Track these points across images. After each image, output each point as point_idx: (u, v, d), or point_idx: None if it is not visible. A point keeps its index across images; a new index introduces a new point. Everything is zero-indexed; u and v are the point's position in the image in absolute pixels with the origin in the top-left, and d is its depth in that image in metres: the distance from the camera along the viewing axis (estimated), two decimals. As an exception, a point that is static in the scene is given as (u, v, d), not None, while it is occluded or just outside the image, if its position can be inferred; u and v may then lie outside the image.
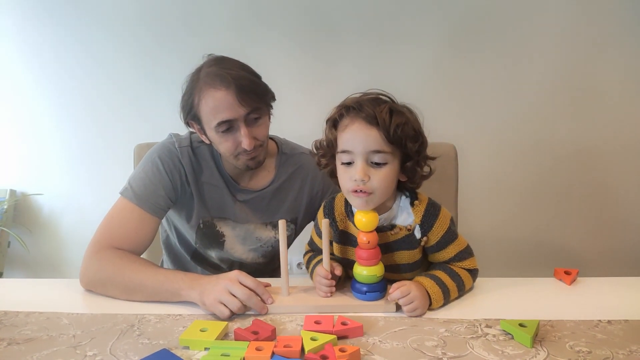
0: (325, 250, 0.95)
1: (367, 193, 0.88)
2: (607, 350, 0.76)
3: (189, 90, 1.09)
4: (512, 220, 2.00)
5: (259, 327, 0.82)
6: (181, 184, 1.16)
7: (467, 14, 1.82)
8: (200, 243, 1.24)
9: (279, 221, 0.94)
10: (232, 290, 0.91)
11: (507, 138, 1.92)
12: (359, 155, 0.88)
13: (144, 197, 1.11)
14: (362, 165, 0.88)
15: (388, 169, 0.89)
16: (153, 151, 1.17)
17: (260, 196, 1.22)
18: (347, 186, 0.90)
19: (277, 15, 1.86)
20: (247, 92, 1.05)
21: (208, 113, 1.06)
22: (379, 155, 0.88)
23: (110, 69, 1.99)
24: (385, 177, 0.88)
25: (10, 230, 2.10)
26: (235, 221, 1.23)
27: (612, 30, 1.80)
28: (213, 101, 1.04)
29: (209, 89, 1.04)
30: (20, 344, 0.83)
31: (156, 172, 1.13)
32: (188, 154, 1.17)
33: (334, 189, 1.24)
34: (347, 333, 0.82)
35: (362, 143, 0.87)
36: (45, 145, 2.11)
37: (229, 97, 1.03)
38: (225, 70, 1.05)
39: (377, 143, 0.87)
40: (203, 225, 1.21)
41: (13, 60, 2.03)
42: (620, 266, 1.97)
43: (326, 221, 0.94)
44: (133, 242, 1.09)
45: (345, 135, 0.90)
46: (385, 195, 0.91)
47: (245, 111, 1.05)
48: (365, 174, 0.87)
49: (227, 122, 1.06)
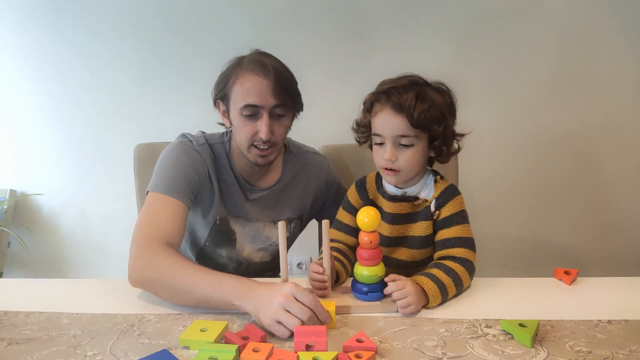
0: (325, 250, 0.95)
1: (396, 171, 1.01)
2: (607, 350, 0.76)
3: (227, 71, 1.15)
4: (512, 220, 2.00)
5: (250, 333, 0.82)
6: (204, 177, 1.18)
7: (468, 14, 1.82)
8: (211, 241, 1.25)
9: (279, 223, 0.94)
10: (289, 309, 0.83)
11: (507, 138, 1.92)
12: (388, 138, 1.00)
13: (172, 186, 1.11)
14: (390, 148, 1.00)
15: (414, 150, 1.01)
16: (172, 149, 1.18)
17: (269, 194, 1.25)
18: (379, 164, 1.03)
19: (275, 13, 1.86)
20: (282, 86, 1.10)
21: (239, 94, 1.11)
22: (406, 139, 1.00)
23: (111, 69, 1.99)
24: (411, 157, 1.01)
25: (10, 230, 2.10)
26: (246, 219, 1.25)
27: (612, 29, 1.80)
28: (249, 84, 1.09)
29: (248, 72, 1.10)
30: (20, 344, 0.83)
31: (181, 164, 1.15)
32: (207, 150, 1.20)
33: (339, 185, 1.34)
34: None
35: (390, 128, 1.00)
36: (45, 145, 2.11)
37: (264, 85, 1.09)
38: (269, 61, 1.12)
39: (403, 128, 0.99)
40: (220, 222, 1.23)
41: (13, 60, 2.04)
42: (620, 266, 1.97)
43: (326, 222, 0.94)
44: (173, 232, 1.06)
45: (376, 120, 1.03)
46: (413, 172, 1.03)
47: (274, 102, 1.10)
48: (393, 155, 1.00)
49: (253, 107, 1.10)
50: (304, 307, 0.83)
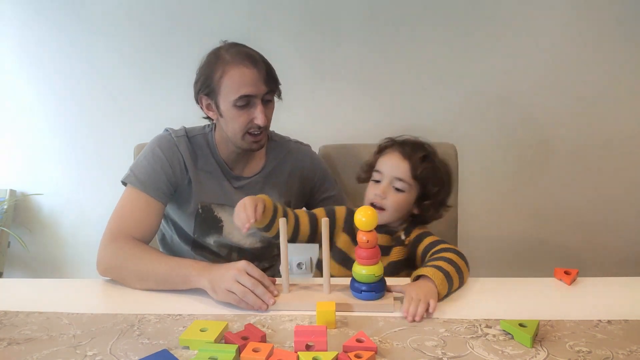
0: (325, 249, 0.95)
1: (381, 209, 1.06)
2: (607, 350, 0.76)
3: (209, 65, 1.16)
4: (512, 220, 2.00)
5: (250, 333, 0.82)
6: (180, 170, 1.22)
7: (467, 13, 1.82)
8: (199, 231, 1.27)
9: (279, 219, 0.95)
10: (240, 280, 0.94)
11: (507, 138, 1.92)
12: (386, 177, 1.09)
13: (147, 183, 1.17)
14: (385, 185, 1.08)
15: (404, 196, 1.08)
16: (152, 142, 1.24)
17: (254, 182, 1.29)
18: (369, 197, 1.10)
19: (275, 13, 1.86)
20: (271, 75, 1.17)
21: (230, 86, 1.14)
22: (401, 183, 1.07)
23: (110, 69, 1.99)
24: (399, 201, 1.08)
25: (10, 230, 2.10)
26: (233, 207, 1.25)
27: (613, 28, 1.80)
28: (240, 76, 1.13)
29: (238, 65, 1.13)
30: (20, 344, 0.84)
31: (157, 159, 1.20)
32: (185, 142, 1.24)
33: (324, 170, 1.39)
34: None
35: (392, 168, 1.09)
36: (45, 145, 2.11)
37: (257, 75, 1.13)
38: (252, 51, 1.17)
39: (403, 173, 1.08)
40: (202, 210, 1.26)
41: (12, 60, 2.03)
42: (620, 266, 1.97)
43: (326, 220, 0.94)
44: (143, 228, 1.15)
45: (383, 159, 1.12)
46: (395, 216, 1.09)
47: (266, 90, 1.15)
48: (385, 192, 1.07)
49: (247, 97, 1.14)
50: (253, 279, 0.94)
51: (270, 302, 0.94)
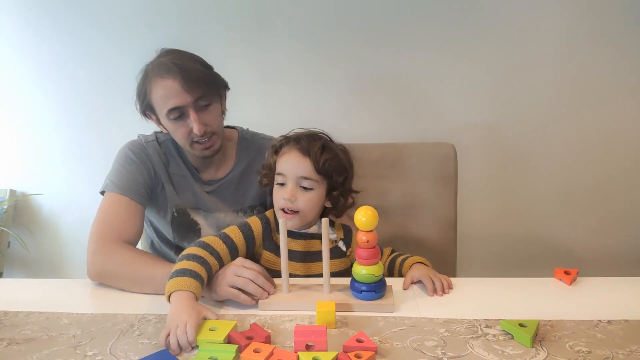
0: (325, 249, 0.95)
1: (293, 212, 1.04)
2: (607, 350, 0.76)
3: (141, 81, 1.17)
4: (512, 220, 2.00)
5: (254, 333, 0.82)
6: (154, 173, 1.22)
7: (467, 13, 1.82)
8: (177, 235, 1.27)
9: (280, 220, 0.95)
10: (239, 273, 0.95)
11: (507, 137, 1.92)
12: (290, 178, 1.04)
13: (126, 187, 1.17)
14: (291, 187, 1.03)
15: (314, 193, 1.05)
16: (123, 148, 1.26)
17: (225, 184, 1.28)
18: (279, 204, 1.05)
19: (275, 13, 1.86)
20: (193, 80, 1.11)
21: (159, 101, 1.13)
22: (308, 182, 1.04)
23: (110, 70, 1.99)
24: (311, 199, 1.04)
25: (10, 230, 2.10)
26: (207, 211, 1.27)
27: (613, 27, 1.80)
28: (162, 90, 1.11)
29: (157, 79, 1.12)
30: (20, 344, 0.83)
31: (131, 162, 1.21)
32: (154, 147, 1.25)
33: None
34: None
35: (294, 169, 1.04)
36: (45, 145, 2.11)
37: (176, 85, 1.10)
38: (171, 60, 1.13)
39: (307, 171, 1.03)
40: (177, 213, 1.25)
41: (12, 60, 2.03)
42: (620, 266, 1.97)
43: (325, 220, 0.94)
44: (129, 231, 1.14)
45: (282, 160, 1.06)
46: (310, 216, 1.07)
47: (191, 98, 1.11)
48: (293, 195, 1.03)
49: (176, 110, 1.12)
50: (253, 270, 0.95)
51: (272, 291, 0.96)
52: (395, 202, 1.46)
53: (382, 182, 1.47)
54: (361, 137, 1.61)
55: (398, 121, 1.89)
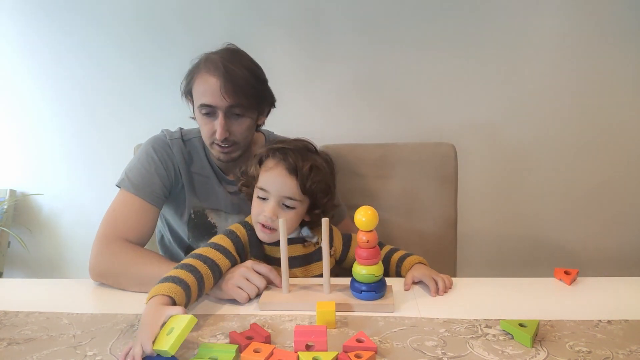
0: (325, 249, 0.95)
1: (271, 229, 1.01)
2: (607, 350, 0.76)
3: (192, 67, 1.17)
4: (512, 220, 2.00)
5: (255, 332, 0.82)
6: (175, 173, 1.21)
7: (466, 13, 1.82)
8: (192, 236, 1.26)
9: (279, 220, 0.95)
10: (248, 277, 0.96)
11: (507, 137, 1.92)
12: (273, 196, 1.01)
13: (141, 187, 1.15)
14: (273, 206, 1.00)
15: (295, 212, 1.03)
16: (147, 143, 1.23)
17: None
18: (257, 218, 1.03)
19: (276, 12, 1.86)
20: (234, 87, 1.10)
21: (197, 92, 1.14)
22: (291, 201, 1.02)
23: (110, 69, 1.99)
24: (291, 218, 1.02)
25: (10, 230, 2.10)
26: (227, 212, 1.26)
27: (613, 27, 1.79)
28: (202, 84, 1.12)
29: (204, 72, 1.12)
30: (20, 344, 0.83)
31: (151, 161, 1.18)
32: (179, 145, 1.23)
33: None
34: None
35: (279, 188, 1.01)
36: (45, 145, 2.11)
37: (215, 85, 1.10)
38: (223, 60, 1.12)
39: (292, 192, 1.01)
40: (194, 215, 1.24)
41: (12, 60, 2.03)
42: (620, 266, 1.97)
43: (326, 220, 0.94)
44: (137, 232, 1.13)
45: (266, 175, 1.02)
46: (288, 233, 1.01)
47: (225, 103, 1.11)
48: (274, 214, 1.00)
49: (208, 107, 1.12)
50: (260, 277, 0.97)
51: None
52: (396, 202, 1.46)
53: (382, 182, 1.47)
54: (361, 137, 1.61)
55: (398, 121, 1.89)
